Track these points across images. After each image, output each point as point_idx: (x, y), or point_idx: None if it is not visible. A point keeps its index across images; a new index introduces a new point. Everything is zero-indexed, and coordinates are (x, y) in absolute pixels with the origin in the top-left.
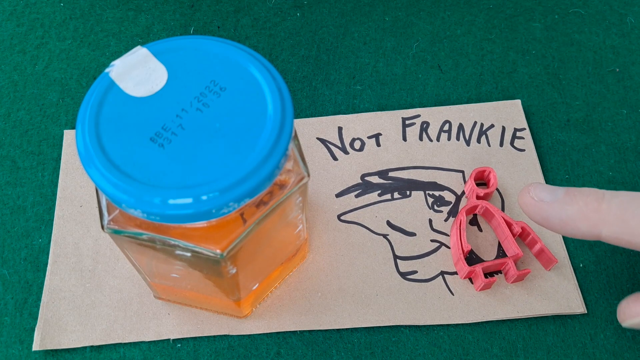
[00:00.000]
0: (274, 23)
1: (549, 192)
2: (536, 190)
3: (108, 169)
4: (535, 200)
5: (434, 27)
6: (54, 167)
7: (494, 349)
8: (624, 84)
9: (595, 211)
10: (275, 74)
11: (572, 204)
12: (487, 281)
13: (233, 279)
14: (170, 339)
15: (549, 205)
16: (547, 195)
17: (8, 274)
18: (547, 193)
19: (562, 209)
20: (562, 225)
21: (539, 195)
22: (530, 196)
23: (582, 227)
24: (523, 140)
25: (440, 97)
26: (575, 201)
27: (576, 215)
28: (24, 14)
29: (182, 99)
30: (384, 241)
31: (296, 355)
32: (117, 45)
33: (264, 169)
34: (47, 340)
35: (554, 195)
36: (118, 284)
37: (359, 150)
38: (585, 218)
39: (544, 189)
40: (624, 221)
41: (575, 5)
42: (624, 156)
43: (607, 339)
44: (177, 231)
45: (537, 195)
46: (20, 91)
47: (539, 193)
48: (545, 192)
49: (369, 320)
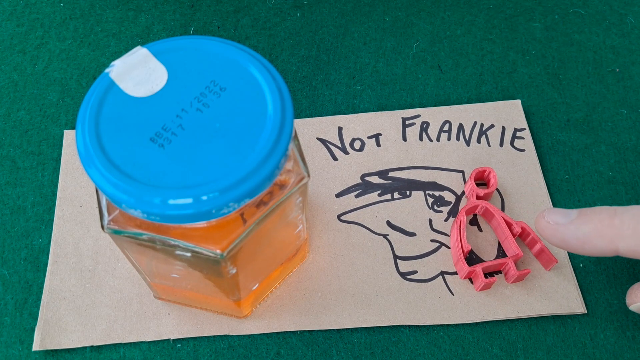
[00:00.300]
0: (274, 23)
1: (562, 215)
2: (550, 215)
3: (108, 169)
4: (551, 224)
5: (434, 27)
6: (54, 167)
7: (494, 349)
8: (624, 84)
9: (609, 227)
10: (275, 74)
11: (587, 222)
12: (487, 281)
13: (233, 279)
14: (170, 339)
15: (564, 227)
16: (562, 218)
17: (8, 274)
18: (562, 216)
19: (577, 229)
20: (580, 245)
21: (554, 218)
22: (545, 221)
23: (599, 244)
24: (523, 140)
25: (440, 97)
26: (589, 220)
27: (592, 233)
28: (24, 14)
29: (182, 99)
30: (384, 241)
31: (296, 355)
32: (117, 45)
33: (264, 169)
34: (47, 341)
35: (568, 217)
36: (118, 284)
37: (359, 150)
38: (601, 235)
39: (558, 212)
40: (638, 233)
41: (575, 5)
42: (624, 156)
43: (607, 339)
44: (177, 231)
45: (552, 219)
46: (20, 91)
47: (553, 217)
48: (559, 215)
49: (369, 320)
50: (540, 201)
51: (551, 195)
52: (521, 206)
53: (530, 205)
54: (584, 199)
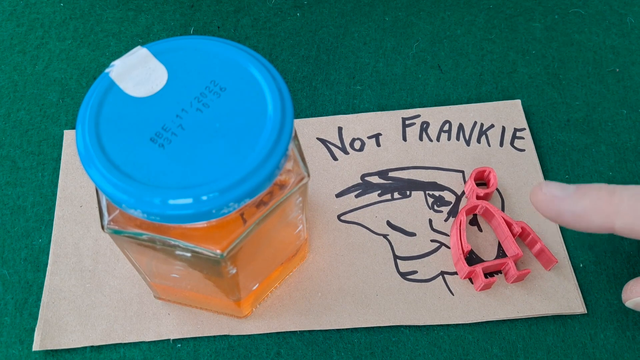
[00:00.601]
0: (274, 23)
1: (560, 188)
2: (548, 187)
3: (108, 169)
4: (547, 196)
5: (434, 27)
6: (54, 167)
7: (494, 349)
8: (624, 84)
9: (607, 203)
10: (275, 74)
11: (585, 197)
12: (487, 281)
13: (233, 279)
14: (170, 339)
15: (561, 200)
16: (559, 191)
17: (8, 274)
18: (559, 189)
19: (575, 203)
20: (575, 219)
21: (551, 191)
22: (542, 192)
23: (596, 219)
24: (523, 140)
25: (440, 97)
26: (587, 195)
27: (589, 208)
28: (24, 14)
29: (182, 99)
30: (384, 241)
31: (296, 355)
32: (117, 45)
33: (264, 169)
34: (47, 341)
35: (566, 191)
36: (118, 284)
37: (359, 150)
38: (599, 210)
39: (556, 185)
40: (637, 211)
41: (575, 5)
42: (624, 156)
43: (607, 339)
44: (177, 231)
45: (549, 192)
46: (20, 91)
47: (551, 189)
48: (556, 188)
49: (369, 320)
50: None
51: None
52: (521, 206)
53: (530, 205)
54: None
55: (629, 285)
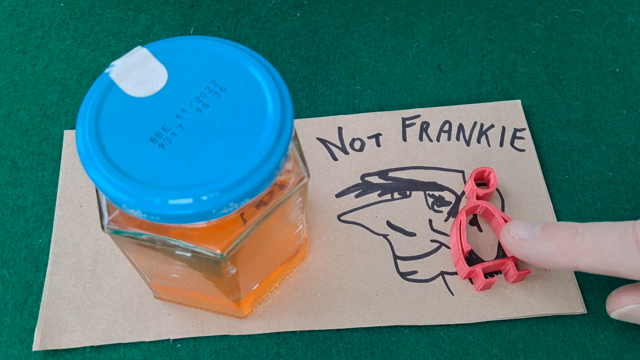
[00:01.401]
0: (274, 23)
1: (527, 230)
2: (515, 229)
3: (108, 169)
4: (515, 240)
5: (434, 27)
6: (54, 167)
7: (494, 349)
8: (624, 84)
9: (570, 246)
10: (275, 74)
11: (550, 240)
12: (487, 281)
13: (233, 279)
14: (170, 339)
15: (528, 243)
16: (526, 233)
17: (8, 274)
18: (526, 231)
19: (541, 246)
20: (543, 261)
21: (519, 234)
22: (510, 236)
23: (561, 261)
24: (523, 140)
25: (440, 97)
26: (552, 238)
27: (554, 252)
28: (24, 14)
29: (182, 99)
30: (384, 241)
31: (296, 355)
32: (117, 45)
33: (264, 169)
34: (47, 341)
35: (532, 233)
36: (118, 284)
37: (359, 151)
38: (563, 254)
39: (522, 228)
40: (597, 251)
41: (575, 5)
42: (624, 156)
43: (607, 339)
44: (177, 231)
45: (517, 235)
46: (20, 91)
47: (518, 232)
48: (523, 230)
49: (369, 320)
50: (540, 201)
51: (551, 195)
52: (521, 206)
53: (530, 205)
54: (584, 199)
55: (611, 297)
